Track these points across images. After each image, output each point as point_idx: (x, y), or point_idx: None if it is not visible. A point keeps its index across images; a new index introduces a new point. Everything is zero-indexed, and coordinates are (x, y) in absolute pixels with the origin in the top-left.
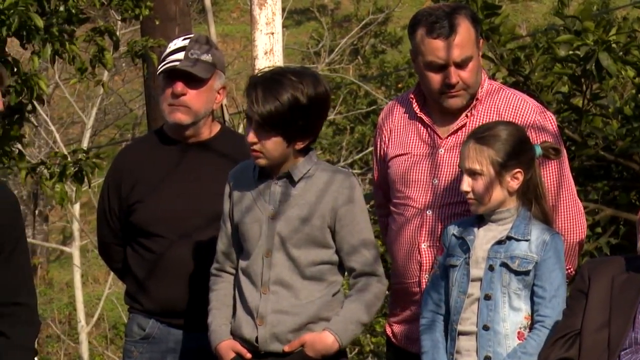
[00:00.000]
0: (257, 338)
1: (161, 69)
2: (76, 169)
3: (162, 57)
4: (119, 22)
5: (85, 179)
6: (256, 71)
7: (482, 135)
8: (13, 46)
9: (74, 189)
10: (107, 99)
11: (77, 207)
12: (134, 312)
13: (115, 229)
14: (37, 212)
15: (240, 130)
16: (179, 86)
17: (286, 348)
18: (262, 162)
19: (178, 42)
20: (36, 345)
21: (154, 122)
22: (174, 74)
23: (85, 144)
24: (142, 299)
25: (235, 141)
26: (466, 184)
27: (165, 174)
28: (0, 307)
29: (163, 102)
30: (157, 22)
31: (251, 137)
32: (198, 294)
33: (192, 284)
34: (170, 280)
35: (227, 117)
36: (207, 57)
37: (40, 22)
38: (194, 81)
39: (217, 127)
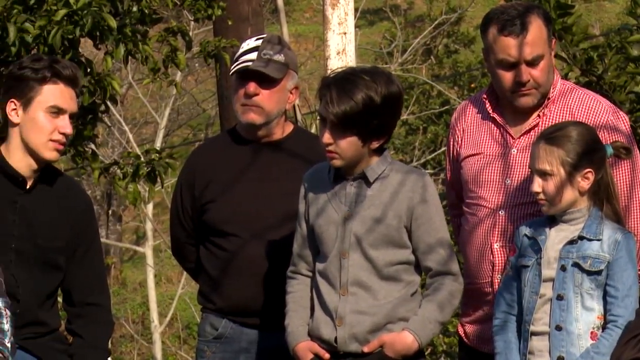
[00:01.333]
0: (336, 338)
1: (234, 69)
2: (149, 169)
3: (235, 57)
4: (192, 23)
5: (158, 179)
6: (328, 71)
7: (552, 136)
8: (86, 47)
9: (147, 189)
10: (180, 99)
11: (150, 207)
12: (207, 312)
13: (188, 228)
14: (110, 212)
15: (313, 130)
16: (252, 86)
17: (365, 349)
18: (337, 162)
19: (251, 43)
20: (110, 345)
21: (226, 122)
22: (246, 74)
23: (158, 144)
24: (215, 298)
25: (308, 141)
26: (537, 184)
27: (238, 173)
28: (74, 308)
29: (236, 103)
30: (229, 23)
31: (326, 138)
32: (272, 293)
33: (265, 284)
34: (244, 280)
35: (299, 117)
36: (279, 57)
37: (113, 23)
38: (267, 81)
39: (289, 127)
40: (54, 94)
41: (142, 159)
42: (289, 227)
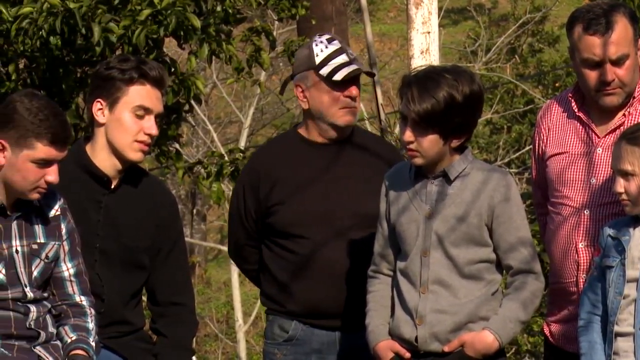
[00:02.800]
0: (416, 338)
1: (345, 75)
2: (233, 168)
3: (318, 62)
4: (276, 22)
5: None
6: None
7: (633, 135)
8: (171, 46)
9: (231, 188)
10: (264, 99)
11: None
12: (274, 314)
13: (250, 230)
14: (195, 211)
15: (397, 131)
16: (355, 89)
17: (446, 348)
18: (418, 161)
19: (329, 46)
20: (194, 345)
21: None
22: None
23: (242, 144)
24: (283, 300)
25: (369, 139)
26: (619, 185)
27: (305, 174)
28: (158, 307)
29: (331, 106)
30: (313, 22)
31: (407, 136)
32: (345, 294)
33: (339, 285)
34: (316, 282)
35: (382, 116)
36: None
37: (197, 22)
38: (357, 81)
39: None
40: (141, 94)
41: (226, 158)
42: (361, 227)
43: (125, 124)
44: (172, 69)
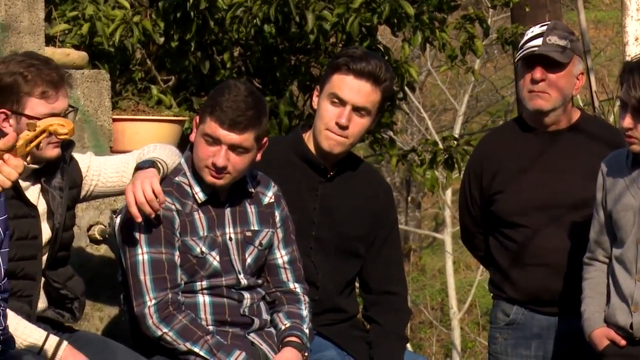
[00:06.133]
0: (631, 325)
1: (520, 56)
2: (446, 155)
3: (520, 44)
4: (490, 10)
5: (456, 166)
6: (627, 58)
7: None
8: (385, 34)
9: (445, 175)
10: (478, 86)
11: (448, 193)
12: (498, 299)
13: (476, 217)
14: (409, 198)
15: (611, 119)
16: (539, 72)
17: None
18: (636, 148)
19: (535, 29)
20: (408, 332)
21: (524, 109)
22: (532, 60)
23: (456, 131)
24: (506, 287)
25: (597, 128)
26: None
27: (525, 164)
28: (371, 295)
29: (523, 89)
30: (527, 9)
31: (627, 123)
32: (564, 281)
33: (555, 272)
34: (535, 269)
35: (596, 103)
36: (564, 43)
37: (411, 10)
38: (553, 66)
39: (577, 114)
40: (338, 84)
41: (440, 145)
42: (578, 215)
43: (321, 111)
44: (386, 57)
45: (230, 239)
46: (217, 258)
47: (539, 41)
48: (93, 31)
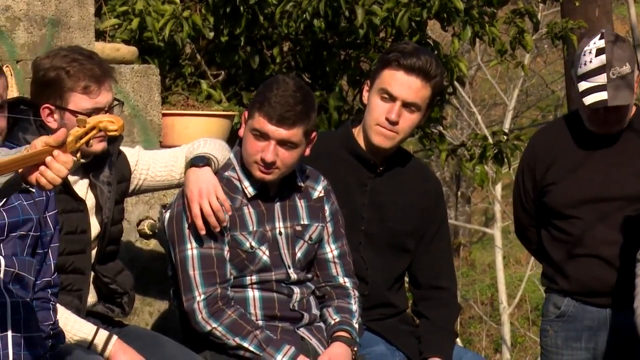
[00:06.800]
0: None
1: (585, 101)
2: (496, 150)
3: (578, 74)
4: (540, 4)
5: (505, 161)
6: None
7: None
8: (435, 29)
9: (494, 170)
10: (528, 81)
11: (498, 188)
12: (550, 292)
13: (530, 210)
14: (459, 193)
15: None
16: (604, 115)
17: None
18: None
19: (594, 59)
20: (458, 327)
21: (574, 104)
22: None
23: (506, 126)
24: (558, 279)
25: None
26: None
27: (580, 157)
28: (421, 290)
29: (584, 112)
30: (577, 4)
31: None
32: (616, 275)
33: (607, 265)
34: (587, 260)
35: None
36: (627, 68)
37: (460, 5)
38: None
39: (632, 110)
40: (388, 79)
41: (490, 140)
42: (629, 209)
43: (371, 106)
44: (435, 52)
45: (280, 233)
46: (267, 252)
47: (602, 78)
48: (143, 26)
